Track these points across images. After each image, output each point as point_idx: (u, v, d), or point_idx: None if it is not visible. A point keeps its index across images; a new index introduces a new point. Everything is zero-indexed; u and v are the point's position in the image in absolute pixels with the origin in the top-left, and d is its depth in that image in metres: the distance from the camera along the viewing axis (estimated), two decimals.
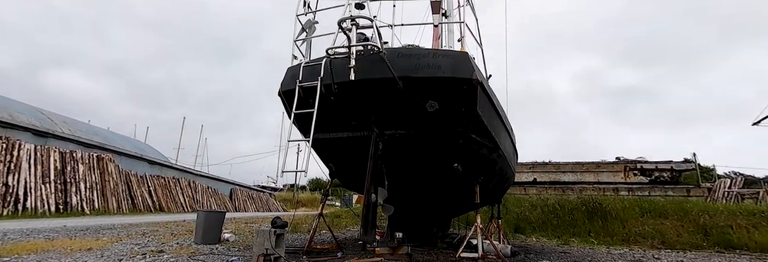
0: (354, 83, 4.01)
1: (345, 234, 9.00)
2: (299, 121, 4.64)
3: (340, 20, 3.87)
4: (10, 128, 13.52)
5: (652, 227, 9.46)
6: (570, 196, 13.88)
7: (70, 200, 13.82)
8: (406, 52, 4.37)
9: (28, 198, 12.32)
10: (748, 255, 7.23)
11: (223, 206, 25.86)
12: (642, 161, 18.12)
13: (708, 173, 24.23)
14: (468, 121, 4.46)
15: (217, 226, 6.61)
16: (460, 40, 4.99)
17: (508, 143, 6.10)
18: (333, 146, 5.29)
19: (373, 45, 3.96)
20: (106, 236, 6.89)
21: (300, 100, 4.34)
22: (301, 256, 5.22)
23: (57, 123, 17.08)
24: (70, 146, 15.56)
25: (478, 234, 5.38)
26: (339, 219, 12.85)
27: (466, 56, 4.35)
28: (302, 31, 4.91)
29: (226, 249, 5.74)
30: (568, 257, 6.20)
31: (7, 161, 12.18)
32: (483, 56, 5.87)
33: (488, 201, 6.80)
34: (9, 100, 16.35)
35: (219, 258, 4.86)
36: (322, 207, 6.37)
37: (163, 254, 5.02)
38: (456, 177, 5.06)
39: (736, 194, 16.55)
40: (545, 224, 10.66)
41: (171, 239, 6.82)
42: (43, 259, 4.46)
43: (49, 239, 6.29)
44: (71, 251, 5.10)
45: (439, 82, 4.19)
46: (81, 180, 14.60)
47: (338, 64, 4.13)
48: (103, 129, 24.08)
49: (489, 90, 4.82)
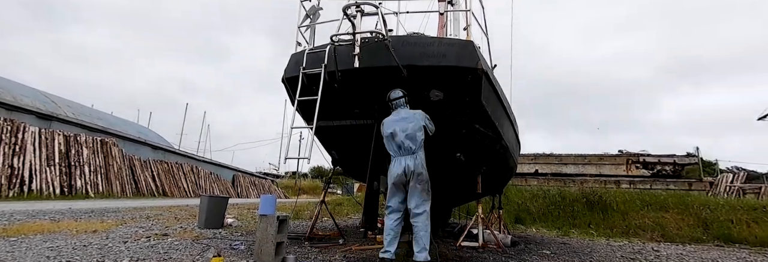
0: (358, 71, 3.99)
1: (346, 222, 9.08)
2: (302, 109, 4.63)
3: (344, 7, 3.82)
4: (15, 111, 13.59)
5: (652, 219, 9.50)
6: (571, 188, 13.91)
7: (75, 183, 13.98)
8: (410, 40, 4.32)
9: (33, 180, 12.47)
10: (748, 249, 7.26)
11: (225, 191, 26.12)
12: (645, 154, 18.08)
13: (710, 167, 24.22)
14: (472, 111, 4.44)
15: (220, 211, 6.68)
16: (466, 29, 4.93)
17: (511, 133, 6.08)
18: (336, 134, 5.29)
19: (377, 32, 3.92)
20: (111, 219, 6.98)
21: (303, 88, 4.32)
22: (303, 242, 5.29)
23: (61, 106, 17.15)
24: (74, 130, 15.66)
25: (479, 224, 5.42)
26: (340, 207, 12.95)
27: (471, 45, 4.30)
28: (306, 17, 4.85)
29: (229, 234, 5.81)
30: (568, 248, 6.25)
31: (12, 144, 12.29)
32: (489, 45, 5.81)
33: (490, 191, 6.81)
34: (13, 83, 16.41)
35: (222, 242, 4.92)
36: (324, 194, 6.41)
37: (167, 238, 5.08)
38: (458, 167, 5.07)
39: (737, 189, 16.55)
40: (546, 215, 10.71)
41: (175, 223, 6.91)
42: (49, 239, 4.53)
43: (54, 220, 6.38)
44: (77, 232, 5.18)
45: (444, 71, 4.15)
46: (85, 163, 14.74)
47: (342, 51, 4.09)
48: (106, 113, 24.18)
49: (494, 80, 4.77)
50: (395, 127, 4.02)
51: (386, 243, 3.90)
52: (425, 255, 3.77)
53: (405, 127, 3.98)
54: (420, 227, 3.85)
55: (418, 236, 3.83)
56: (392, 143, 4.02)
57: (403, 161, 3.93)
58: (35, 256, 3.62)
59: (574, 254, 5.64)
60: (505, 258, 4.83)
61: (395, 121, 4.07)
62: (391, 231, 3.95)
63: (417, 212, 3.89)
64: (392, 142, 4.02)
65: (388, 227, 3.98)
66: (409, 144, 3.93)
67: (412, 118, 4.03)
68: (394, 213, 4.03)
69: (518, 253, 5.34)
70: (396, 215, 4.02)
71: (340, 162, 5.93)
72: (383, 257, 3.82)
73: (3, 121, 12.28)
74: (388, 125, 4.10)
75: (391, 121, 4.10)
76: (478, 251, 5.14)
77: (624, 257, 5.60)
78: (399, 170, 3.91)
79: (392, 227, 3.96)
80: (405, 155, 3.95)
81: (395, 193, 4.05)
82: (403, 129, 3.97)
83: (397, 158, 4.00)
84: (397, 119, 4.08)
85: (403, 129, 3.97)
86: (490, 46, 5.82)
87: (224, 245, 4.75)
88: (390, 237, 3.91)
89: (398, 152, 3.99)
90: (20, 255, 3.63)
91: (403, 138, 3.95)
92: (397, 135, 3.98)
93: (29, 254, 3.72)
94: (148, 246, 4.42)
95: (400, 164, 3.93)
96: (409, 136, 3.94)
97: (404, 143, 3.95)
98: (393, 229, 3.96)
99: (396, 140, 3.99)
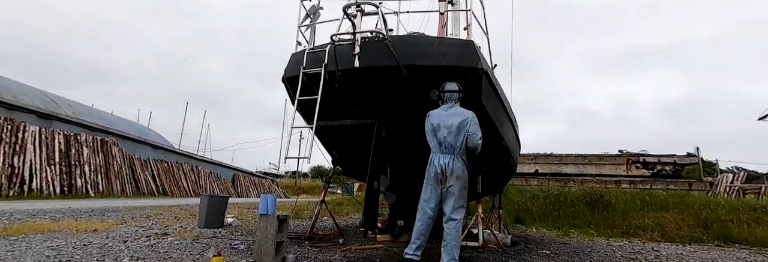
0: (358, 70, 3.98)
1: (346, 221, 9.08)
2: (303, 108, 4.63)
3: (345, 6, 3.81)
4: (15, 110, 13.59)
5: (652, 219, 9.49)
6: (571, 188, 13.91)
7: (75, 183, 13.99)
8: (411, 40, 4.32)
9: (33, 180, 12.48)
10: (748, 249, 7.25)
11: (225, 191, 26.13)
12: (645, 154, 18.08)
13: (710, 167, 24.23)
14: (472, 111, 4.44)
15: (220, 210, 6.68)
16: (466, 29, 4.92)
17: (512, 133, 6.07)
18: (336, 134, 5.29)
19: (378, 32, 3.91)
20: (111, 218, 6.98)
21: (304, 87, 4.32)
22: (303, 241, 5.29)
23: (61, 106, 17.15)
24: (75, 129, 15.67)
25: (479, 224, 5.42)
26: (340, 206, 12.95)
27: (471, 45, 4.30)
28: (306, 17, 4.85)
29: (229, 233, 5.82)
30: (568, 248, 6.24)
31: (13, 143, 12.29)
32: (489, 45, 5.80)
33: (490, 191, 6.81)
34: (13, 83, 16.39)
35: (222, 242, 4.93)
36: (324, 194, 6.41)
37: (167, 237, 5.09)
38: None
39: (737, 189, 16.54)
40: (546, 215, 10.70)
41: (175, 222, 6.91)
42: (50, 239, 4.54)
43: (54, 219, 6.38)
44: (77, 231, 5.18)
45: (444, 70, 4.14)
46: (85, 163, 14.74)
47: (342, 51, 4.09)
48: (106, 113, 24.19)
49: (494, 80, 4.77)
50: (440, 122, 3.84)
51: (415, 246, 3.72)
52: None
53: (451, 124, 3.80)
54: (452, 236, 3.66)
55: (450, 246, 3.64)
56: (434, 137, 3.84)
57: (442, 158, 3.75)
58: (35, 255, 3.62)
59: (574, 254, 5.64)
60: (505, 258, 4.83)
61: (443, 116, 3.89)
62: (421, 235, 3.75)
63: (452, 217, 3.71)
64: (434, 136, 3.84)
65: (418, 229, 3.76)
66: (452, 142, 3.76)
67: (461, 117, 3.84)
68: (425, 213, 3.80)
69: (518, 253, 5.34)
70: (427, 216, 3.79)
71: (340, 162, 5.94)
72: (409, 258, 3.68)
73: (3, 121, 12.29)
74: (433, 118, 3.91)
75: (438, 115, 3.92)
76: (478, 251, 5.14)
77: (624, 257, 5.60)
78: (436, 168, 3.73)
79: (423, 232, 3.76)
80: (446, 153, 3.77)
81: (430, 193, 3.81)
82: (448, 125, 3.80)
83: (437, 154, 3.81)
84: (445, 114, 3.90)
85: (449, 125, 3.80)
86: (491, 46, 5.81)
87: (224, 244, 4.75)
88: (419, 241, 3.73)
89: (439, 148, 3.81)
90: (20, 254, 3.63)
91: (446, 134, 3.78)
92: (440, 130, 3.81)
93: (29, 253, 3.72)
94: (148, 246, 4.42)
95: (438, 162, 3.75)
96: (453, 134, 3.77)
97: (446, 139, 3.77)
98: (424, 233, 3.76)
99: (438, 135, 3.82)
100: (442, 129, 3.83)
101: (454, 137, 3.78)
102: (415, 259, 3.72)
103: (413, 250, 3.74)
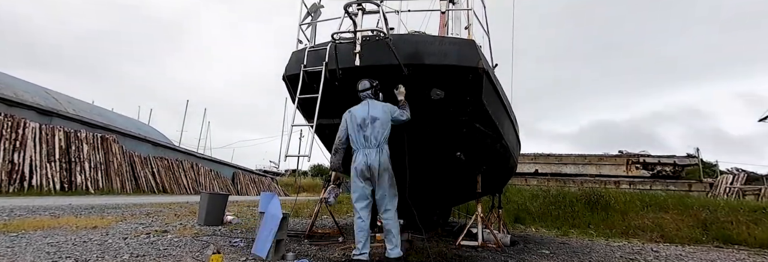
0: (359, 69, 3.98)
1: (346, 220, 9.09)
2: (303, 107, 4.63)
3: (346, 5, 3.80)
4: (15, 107, 13.59)
5: (651, 220, 9.50)
6: (571, 188, 13.93)
7: (75, 179, 14.00)
8: (412, 39, 4.31)
9: (33, 176, 12.48)
10: (747, 250, 7.26)
11: (225, 189, 26.14)
12: (645, 154, 18.10)
13: (710, 168, 24.21)
14: (473, 110, 4.43)
15: (220, 208, 6.68)
16: (467, 28, 4.91)
17: (512, 133, 6.08)
18: (336, 132, 5.29)
19: (379, 31, 3.90)
20: (111, 215, 6.99)
21: (304, 85, 4.32)
22: (302, 239, 5.29)
23: (61, 103, 17.16)
24: (75, 126, 15.65)
25: (479, 223, 5.43)
26: (340, 205, 12.94)
27: (473, 44, 4.29)
28: (307, 15, 4.84)
29: (229, 231, 5.82)
30: (567, 248, 6.25)
31: (13, 139, 12.30)
32: (490, 44, 5.80)
33: (490, 191, 6.82)
34: (14, 79, 16.40)
35: (222, 239, 4.93)
36: (323, 192, 6.41)
37: (167, 234, 5.09)
38: (458, 166, 5.07)
39: (737, 190, 16.55)
40: (545, 215, 10.72)
41: (175, 219, 6.92)
42: (49, 235, 4.54)
43: (54, 216, 6.39)
44: (77, 228, 5.19)
45: (445, 70, 4.14)
46: (85, 160, 14.75)
47: (343, 49, 4.08)
48: (106, 110, 24.19)
49: (495, 79, 4.77)
50: (365, 116, 3.91)
51: (361, 245, 3.75)
52: (398, 251, 3.75)
53: (374, 119, 3.87)
54: (391, 225, 3.76)
55: (391, 234, 3.76)
56: (360, 134, 3.90)
57: (368, 154, 3.80)
58: (35, 251, 3.63)
59: (573, 253, 5.64)
60: (504, 257, 4.83)
61: (365, 112, 3.95)
62: (363, 232, 3.81)
63: (388, 207, 3.81)
64: (360, 133, 3.90)
65: (358, 227, 3.83)
66: (377, 136, 3.83)
67: (381, 111, 3.92)
68: (363, 211, 3.88)
69: (517, 252, 5.35)
70: (365, 213, 3.88)
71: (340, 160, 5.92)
72: (359, 259, 3.71)
73: (3, 117, 12.28)
74: (357, 115, 3.97)
75: (361, 111, 3.98)
76: (477, 251, 5.15)
77: (623, 258, 5.61)
78: (364, 164, 3.78)
79: (363, 228, 3.83)
80: (371, 147, 3.83)
81: (362, 190, 3.87)
82: (372, 120, 3.87)
83: (361, 150, 3.87)
84: (366, 110, 3.97)
85: (373, 120, 3.87)
86: (492, 45, 5.81)
87: (224, 242, 4.76)
88: (364, 239, 3.78)
89: (364, 144, 3.87)
90: (20, 251, 3.64)
91: (372, 130, 3.85)
92: (366, 126, 3.87)
93: (29, 249, 3.72)
94: (148, 243, 4.42)
95: (365, 159, 3.79)
96: (378, 128, 3.84)
97: (372, 134, 3.84)
98: (365, 229, 3.83)
99: (365, 131, 3.88)
100: (368, 125, 3.87)
101: (382, 128, 3.85)
102: (364, 259, 3.75)
103: (360, 250, 3.78)
